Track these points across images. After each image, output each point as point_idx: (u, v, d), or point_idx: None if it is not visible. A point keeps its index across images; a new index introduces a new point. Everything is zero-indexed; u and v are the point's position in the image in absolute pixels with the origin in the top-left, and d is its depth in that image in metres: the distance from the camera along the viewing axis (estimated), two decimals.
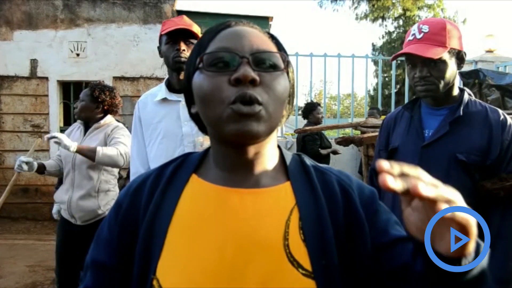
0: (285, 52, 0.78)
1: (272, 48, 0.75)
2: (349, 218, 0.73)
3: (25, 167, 2.80)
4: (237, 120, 0.67)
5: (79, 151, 2.63)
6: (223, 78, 0.69)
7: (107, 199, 2.87)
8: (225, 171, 0.76)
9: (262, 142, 0.74)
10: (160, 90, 1.94)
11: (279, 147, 0.83)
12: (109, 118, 2.98)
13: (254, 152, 0.74)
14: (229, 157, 0.75)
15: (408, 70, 1.67)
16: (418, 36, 1.59)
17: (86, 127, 2.97)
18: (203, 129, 0.82)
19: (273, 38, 0.78)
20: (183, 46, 1.85)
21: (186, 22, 1.89)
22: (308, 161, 0.82)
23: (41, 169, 2.92)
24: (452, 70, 1.60)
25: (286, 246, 0.68)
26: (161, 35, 1.93)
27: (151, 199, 0.76)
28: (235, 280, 0.67)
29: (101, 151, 2.65)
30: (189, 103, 0.80)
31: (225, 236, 0.69)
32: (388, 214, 0.77)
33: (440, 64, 1.56)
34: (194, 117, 0.81)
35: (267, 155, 0.77)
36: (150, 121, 1.93)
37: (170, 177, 0.78)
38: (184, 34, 1.85)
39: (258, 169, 0.76)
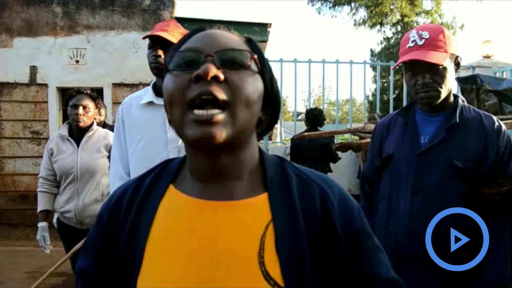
0: (261, 55, 0.75)
1: (243, 47, 0.72)
2: (328, 236, 0.70)
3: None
4: (196, 125, 0.65)
5: None
6: (186, 76, 0.67)
7: None
8: (200, 181, 0.73)
9: (237, 148, 0.71)
10: (146, 93, 1.92)
11: (260, 150, 0.80)
12: (95, 125, 2.95)
13: (228, 160, 0.71)
14: (202, 164, 0.72)
15: (407, 78, 1.65)
16: (420, 43, 1.57)
17: (75, 137, 2.89)
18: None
19: (250, 42, 0.76)
20: (160, 52, 1.83)
21: (166, 28, 1.86)
22: (290, 167, 0.78)
23: (48, 215, 3.00)
24: (452, 76, 1.61)
25: (261, 263, 0.66)
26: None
27: (129, 214, 0.74)
28: None
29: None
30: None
31: (200, 253, 0.68)
32: (367, 239, 0.75)
33: (442, 70, 1.56)
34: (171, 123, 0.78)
35: (244, 163, 0.73)
36: (134, 124, 1.90)
37: (147, 190, 0.76)
38: (163, 40, 1.82)
39: (233, 178, 0.72)
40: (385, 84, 14.21)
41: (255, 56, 0.72)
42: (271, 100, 0.76)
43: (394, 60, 7.93)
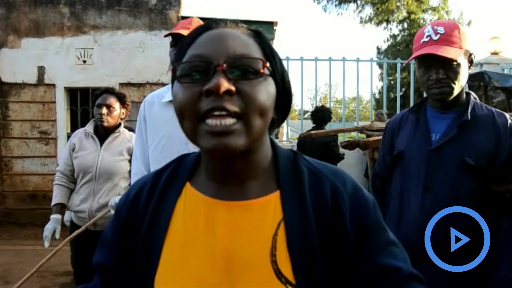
0: (272, 53, 0.73)
1: (254, 50, 0.69)
2: (338, 233, 0.70)
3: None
4: (211, 136, 0.64)
5: None
6: (197, 89, 0.65)
7: None
8: (215, 181, 0.74)
9: (251, 152, 0.71)
10: (168, 91, 1.89)
11: (275, 146, 0.79)
12: (122, 127, 2.88)
13: (243, 164, 0.72)
14: (216, 169, 0.73)
15: (420, 73, 1.63)
16: (435, 38, 1.56)
17: (99, 136, 2.83)
18: None
19: (259, 37, 0.73)
20: None
21: (188, 26, 1.85)
22: (303, 161, 0.78)
23: (62, 209, 2.88)
24: (465, 72, 1.59)
25: (274, 261, 0.68)
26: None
27: (147, 211, 0.75)
28: None
29: None
30: None
31: (215, 252, 0.70)
32: (382, 233, 0.74)
33: (456, 66, 1.55)
34: None
35: (257, 164, 0.74)
36: (155, 122, 1.90)
37: (164, 188, 0.77)
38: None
39: (247, 179, 0.73)
40: (392, 82, 14.15)
41: (267, 64, 0.69)
42: (283, 98, 0.75)
43: (401, 57, 7.89)
